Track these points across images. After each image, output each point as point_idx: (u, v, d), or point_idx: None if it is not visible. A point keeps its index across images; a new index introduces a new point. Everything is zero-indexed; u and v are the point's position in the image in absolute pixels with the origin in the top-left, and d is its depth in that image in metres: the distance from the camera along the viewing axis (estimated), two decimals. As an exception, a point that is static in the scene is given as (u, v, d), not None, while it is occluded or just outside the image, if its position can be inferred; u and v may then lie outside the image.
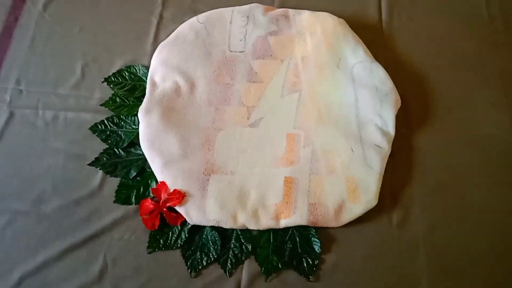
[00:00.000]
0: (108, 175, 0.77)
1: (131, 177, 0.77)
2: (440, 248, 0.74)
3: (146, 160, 0.77)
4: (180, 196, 0.73)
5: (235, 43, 0.87)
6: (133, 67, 0.86)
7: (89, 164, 0.78)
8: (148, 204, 0.74)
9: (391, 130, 0.79)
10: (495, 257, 0.73)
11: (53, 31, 0.91)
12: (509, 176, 0.79)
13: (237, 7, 0.89)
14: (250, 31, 0.87)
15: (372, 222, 0.75)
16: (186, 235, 0.73)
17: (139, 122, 0.79)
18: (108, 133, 0.80)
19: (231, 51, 0.86)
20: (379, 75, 0.82)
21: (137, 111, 0.80)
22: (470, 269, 0.72)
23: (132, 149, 0.79)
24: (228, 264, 0.72)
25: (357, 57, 0.84)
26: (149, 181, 0.77)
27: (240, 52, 0.86)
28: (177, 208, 0.73)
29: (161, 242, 0.73)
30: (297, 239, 0.73)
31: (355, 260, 0.73)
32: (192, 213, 0.72)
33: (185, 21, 0.89)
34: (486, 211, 0.76)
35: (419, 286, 0.71)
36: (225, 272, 0.71)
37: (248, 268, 0.72)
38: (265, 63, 0.85)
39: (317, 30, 0.86)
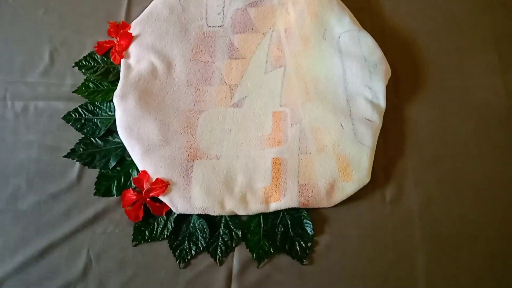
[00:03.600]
0: (86, 167, 0.73)
1: (110, 167, 0.73)
2: (436, 222, 0.72)
3: (125, 148, 0.73)
4: (163, 185, 0.69)
5: (213, 18, 0.81)
6: (105, 48, 0.80)
7: (65, 156, 0.73)
8: (130, 195, 0.70)
9: (382, 102, 0.75)
10: (493, 229, 0.71)
11: (17, 14, 0.84)
12: (506, 144, 0.76)
13: (213, -22, 0.83)
14: (228, 4, 0.82)
15: (365, 200, 0.73)
16: (173, 225, 0.70)
17: (115, 108, 0.74)
18: (83, 121, 0.75)
19: (209, 26, 0.81)
20: (367, 44, 0.78)
21: (112, 97, 0.75)
22: (467, 242, 0.71)
23: (110, 138, 0.75)
24: (218, 252, 0.69)
25: (343, 26, 0.79)
26: (130, 171, 0.73)
27: (218, 27, 0.81)
28: (161, 197, 0.69)
29: (147, 234, 0.70)
30: (289, 222, 0.71)
31: (350, 240, 0.71)
32: (177, 202, 0.69)
33: (158, -4, 0.83)
34: (483, 181, 0.74)
35: (416, 262, 0.69)
36: (215, 260, 0.69)
37: (239, 255, 0.70)
38: (246, 37, 0.80)
39: (299, -1, 0.81)
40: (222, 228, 0.70)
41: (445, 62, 0.82)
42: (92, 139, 0.75)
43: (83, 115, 0.76)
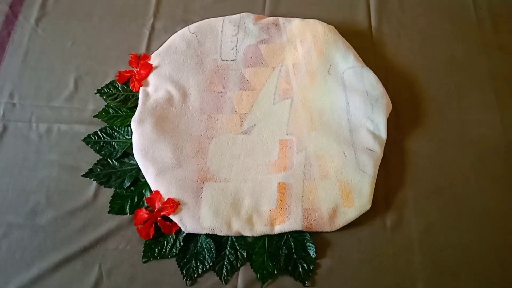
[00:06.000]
0: (102, 186, 0.77)
1: (125, 187, 0.77)
2: (435, 250, 0.73)
3: (139, 170, 0.77)
4: (174, 204, 0.73)
5: (227, 52, 0.87)
6: (126, 78, 0.87)
7: (83, 175, 0.78)
8: (143, 213, 0.74)
9: (383, 133, 0.79)
10: (490, 258, 0.73)
11: (46, 45, 0.92)
12: (502, 176, 0.79)
13: (227, 17, 0.90)
14: (241, 40, 0.88)
15: (367, 226, 0.75)
16: (181, 243, 0.73)
17: (132, 132, 0.79)
18: (101, 144, 0.80)
19: (223, 60, 0.87)
20: (369, 80, 0.83)
21: (130, 122, 0.80)
22: (465, 271, 0.72)
23: (126, 159, 0.79)
24: (224, 271, 0.71)
25: (347, 63, 0.85)
26: (143, 191, 0.77)
27: (231, 60, 0.87)
28: (171, 216, 0.73)
29: (156, 251, 0.72)
30: (292, 244, 0.73)
31: (351, 264, 0.72)
32: (186, 222, 0.72)
33: (177, 31, 0.89)
34: (480, 212, 0.76)
35: (415, 288, 0.71)
36: (220, 279, 0.71)
37: (243, 275, 0.72)
38: (257, 71, 0.86)
39: (307, 37, 0.87)
40: (228, 248, 0.73)
41: (444, 97, 0.86)
42: (109, 160, 0.79)
43: (102, 138, 0.81)
